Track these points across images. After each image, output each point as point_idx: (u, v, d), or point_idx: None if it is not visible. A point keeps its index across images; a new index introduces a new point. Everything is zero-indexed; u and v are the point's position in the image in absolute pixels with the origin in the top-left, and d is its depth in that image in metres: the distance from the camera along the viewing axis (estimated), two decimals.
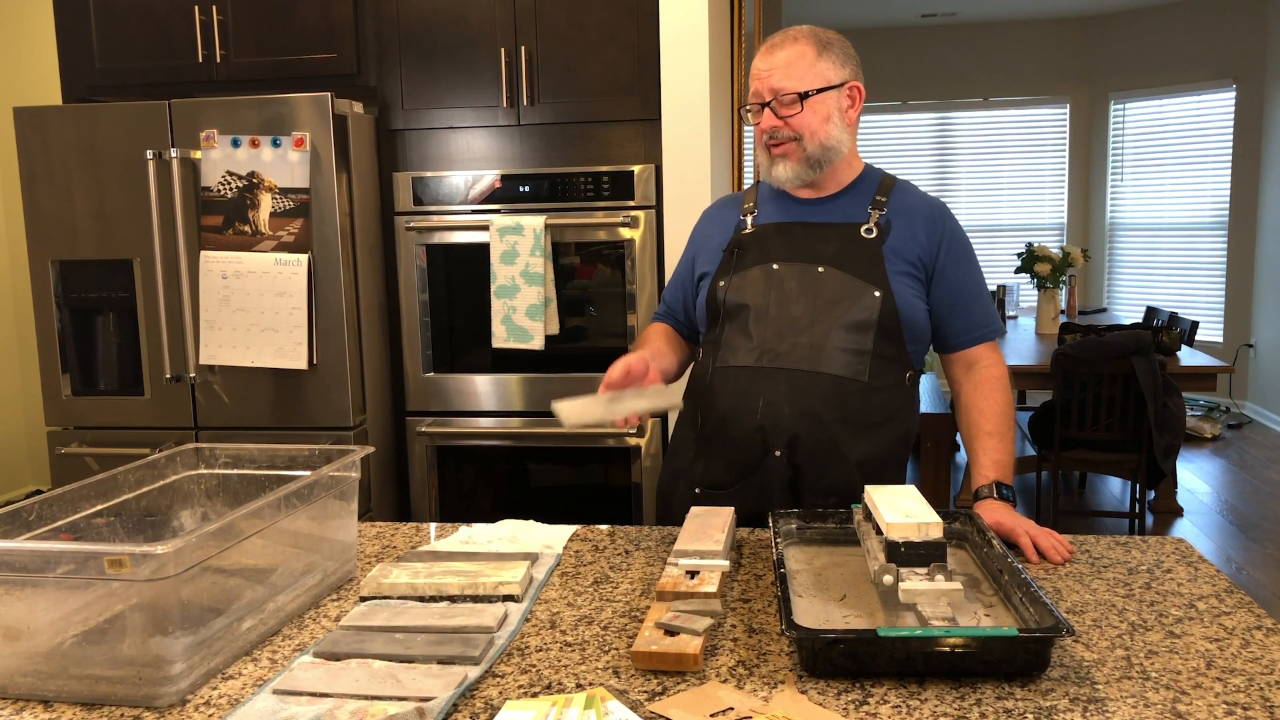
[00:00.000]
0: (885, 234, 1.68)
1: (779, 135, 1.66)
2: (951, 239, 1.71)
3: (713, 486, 1.69)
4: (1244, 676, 1.07)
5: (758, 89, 1.67)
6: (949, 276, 1.70)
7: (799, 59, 1.65)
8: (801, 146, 1.66)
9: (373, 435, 3.01)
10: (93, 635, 1.07)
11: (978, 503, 1.60)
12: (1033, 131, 7.77)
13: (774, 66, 1.66)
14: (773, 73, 1.65)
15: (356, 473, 1.43)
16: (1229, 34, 6.83)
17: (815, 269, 1.66)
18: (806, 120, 1.65)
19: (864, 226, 1.68)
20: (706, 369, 1.73)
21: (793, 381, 1.62)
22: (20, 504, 1.22)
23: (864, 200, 1.72)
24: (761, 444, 1.63)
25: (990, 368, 1.72)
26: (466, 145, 3.00)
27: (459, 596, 1.30)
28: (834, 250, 1.67)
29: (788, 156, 1.67)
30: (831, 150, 1.68)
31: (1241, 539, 4.40)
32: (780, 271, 1.68)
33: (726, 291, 1.70)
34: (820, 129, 1.66)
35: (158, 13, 3.05)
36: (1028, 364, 4.25)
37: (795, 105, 1.64)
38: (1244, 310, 6.88)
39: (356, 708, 1.01)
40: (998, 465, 1.63)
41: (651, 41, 2.84)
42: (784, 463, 1.63)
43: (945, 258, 1.70)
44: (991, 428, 1.67)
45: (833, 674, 1.07)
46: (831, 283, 1.65)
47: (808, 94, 1.64)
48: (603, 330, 2.98)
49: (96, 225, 2.93)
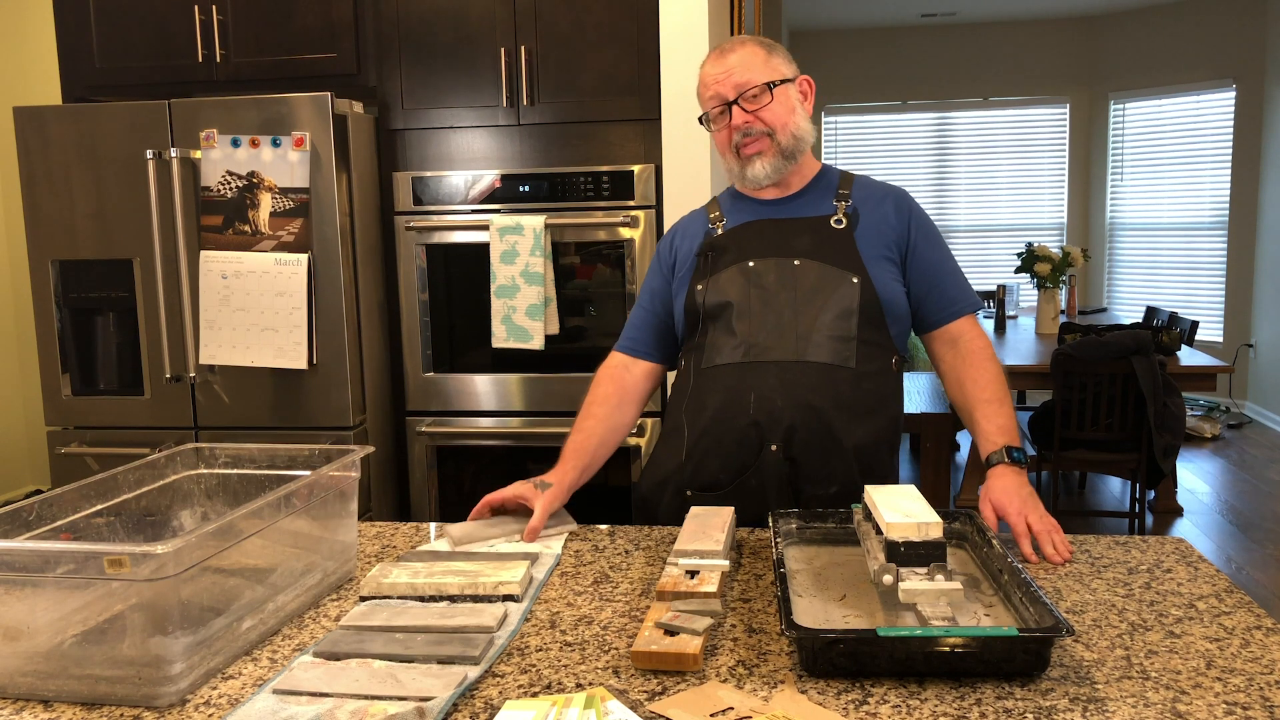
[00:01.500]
0: (855, 223, 1.69)
1: (752, 131, 1.66)
2: (918, 220, 1.73)
3: (705, 488, 1.68)
4: (1244, 676, 1.07)
5: (718, 91, 1.67)
6: (922, 256, 1.71)
7: (752, 57, 1.67)
8: (775, 141, 1.67)
9: (372, 435, 3.01)
10: (92, 635, 1.07)
11: (990, 470, 1.57)
12: (1032, 131, 7.77)
13: (730, 67, 1.67)
14: (731, 72, 1.66)
15: (356, 472, 1.43)
16: (1229, 34, 6.83)
17: (791, 262, 1.67)
18: (777, 111, 1.66)
19: (833, 218, 1.70)
20: (689, 375, 1.72)
21: (783, 373, 1.62)
22: (20, 504, 1.22)
23: (827, 195, 1.73)
24: (757, 439, 1.62)
25: (974, 340, 1.71)
26: (466, 145, 3.00)
27: (459, 596, 1.30)
28: (807, 243, 1.68)
29: (763, 153, 1.68)
30: (802, 141, 1.70)
31: (1241, 539, 4.40)
32: (757, 267, 1.68)
33: (705, 294, 1.70)
34: (790, 119, 1.67)
35: (158, 12, 3.05)
36: (1028, 364, 4.25)
37: (764, 96, 1.65)
38: (1244, 310, 6.88)
39: (356, 707, 1.01)
40: (1003, 430, 1.60)
41: (651, 41, 2.84)
42: (780, 456, 1.62)
43: (916, 237, 1.71)
44: (989, 395, 1.65)
45: (833, 674, 1.07)
46: (809, 273, 1.66)
47: (774, 83, 1.66)
48: (603, 330, 2.98)
49: (96, 225, 2.93)
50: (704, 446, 1.67)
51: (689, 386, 1.72)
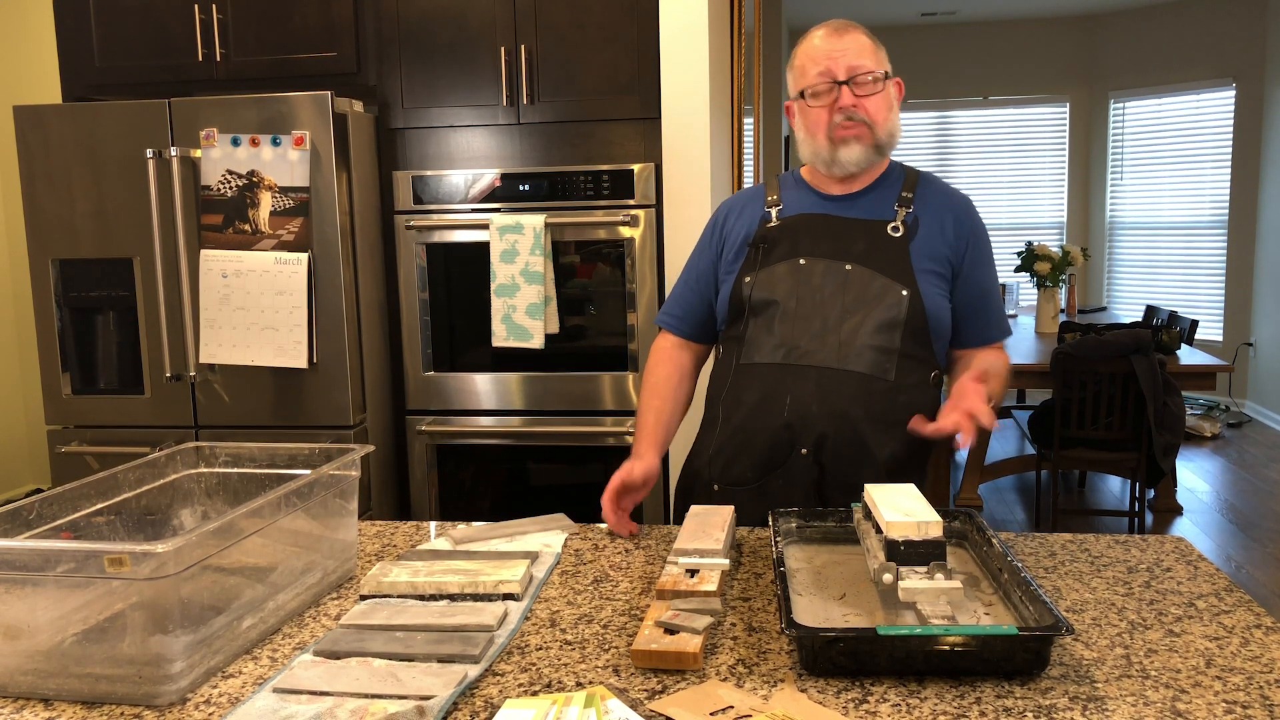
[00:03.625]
0: (912, 233, 1.66)
1: (855, 116, 1.61)
2: (977, 238, 1.70)
3: (733, 483, 1.68)
4: (1243, 675, 1.07)
5: (829, 68, 1.61)
6: (973, 278, 1.69)
7: (866, 44, 1.63)
8: (873, 133, 1.63)
9: (373, 434, 3.01)
10: (93, 634, 1.07)
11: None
12: (1032, 130, 7.77)
13: (845, 48, 1.61)
14: (845, 53, 1.61)
15: (356, 471, 1.43)
16: (1229, 33, 6.83)
17: (843, 266, 1.64)
18: (879, 106, 1.62)
19: (890, 225, 1.66)
20: (729, 366, 1.71)
21: (821, 380, 1.61)
22: (20, 503, 1.22)
23: (890, 197, 1.69)
24: (788, 442, 1.62)
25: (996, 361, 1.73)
26: (466, 144, 3.00)
27: (459, 595, 1.30)
28: (861, 248, 1.65)
29: (860, 139, 1.63)
30: (893, 139, 1.66)
31: (1241, 538, 4.40)
32: (807, 267, 1.65)
33: (753, 288, 1.67)
34: (888, 118, 1.65)
35: (158, 11, 3.05)
36: (1027, 363, 4.25)
37: (877, 85, 1.62)
38: (1243, 309, 6.88)
39: (356, 706, 1.01)
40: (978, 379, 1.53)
41: (651, 41, 2.84)
42: (810, 461, 1.61)
43: (971, 257, 1.68)
44: (984, 367, 1.64)
45: (832, 673, 1.07)
46: (859, 280, 1.63)
47: (889, 74, 1.63)
48: (603, 329, 2.98)
49: (97, 224, 2.93)
50: (736, 442, 1.67)
51: (728, 379, 1.70)
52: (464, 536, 1.55)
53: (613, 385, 2.96)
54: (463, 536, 1.55)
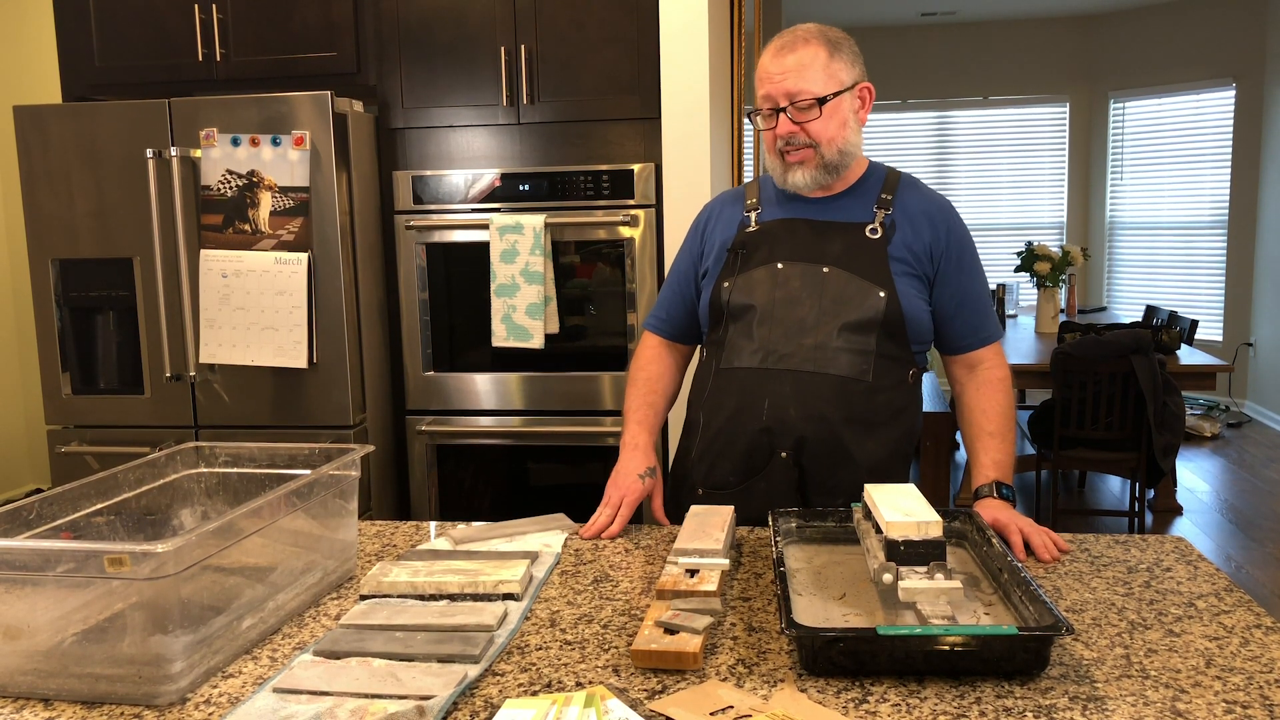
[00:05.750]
0: (890, 234, 1.66)
1: (795, 141, 1.62)
2: (955, 243, 1.69)
3: (716, 487, 1.69)
4: (1243, 675, 1.07)
5: (770, 93, 1.62)
6: (952, 281, 1.69)
7: (812, 61, 1.60)
8: (819, 153, 1.62)
9: (372, 434, 3.01)
10: (93, 634, 1.07)
11: (978, 501, 1.60)
12: (1032, 130, 7.76)
13: (786, 70, 1.60)
14: (786, 76, 1.60)
15: (356, 471, 1.43)
16: (1229, 33, 6.83)
17: (820, 269, 1.65)
18: (824, 127, 1.61)
19: (869, 227, 1.66)
20: (709, 371, 1.72)
21: (798, 383, 1.62)
22: (20, 503, 1.22)
23: (869, 199, 1.70)
24: (768, 445, 1.63)
25: (993, 369, 1.71)
26: (466, 144, 3.00)
27: (459, 595, 1.30)
28: (839, 250, 1.65)
29: (805, 163, 1.63)
30: (848, 155, 1.65)
31: (1241, 538, 4.40)
32: (785, 271, 1.66)
33: (731, 293, 1.69)
34: (838, 135, 1.62)
35: (157, 11, 3.05)
36: (1027, 363, 4.25)
37: (813, 110, 1.60)
38: (1243, 309, 6.88)
39: (356, 706, 1.01)
40: (998, 465, 1.63)
41: (651, 40, 2.84)
42: (790, 463, 1.63)
43: (949, 262, 1.68)
44: (994, 428, 1.66)
45: (832, 672, 1.07)
46: (836, 283, 1.64)
47: (825, 99, 1.60)
48: (603, 329, 2.98)
49: (96, 224, 2.93)
50: (717, 447, 1.69)
51: (708, 384, 1.72)
52: (464, 536, 1.56)
53: (612, 385, 2.96)
54: (463, 536, 1.56)
